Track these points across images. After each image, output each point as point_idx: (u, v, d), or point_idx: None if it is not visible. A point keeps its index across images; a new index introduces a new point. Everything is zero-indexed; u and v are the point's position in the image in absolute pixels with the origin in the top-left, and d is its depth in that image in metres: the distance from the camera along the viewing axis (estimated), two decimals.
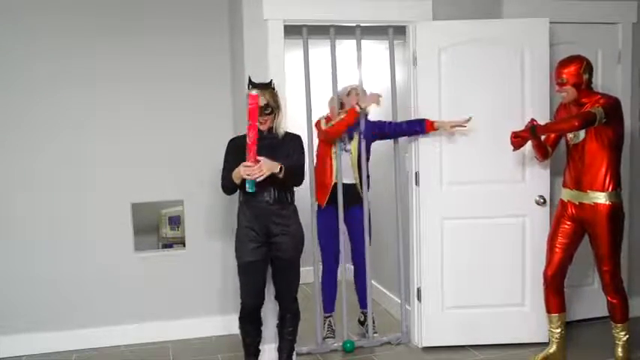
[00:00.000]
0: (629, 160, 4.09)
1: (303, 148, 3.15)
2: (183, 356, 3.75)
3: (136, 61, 3.83)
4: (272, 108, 3.04)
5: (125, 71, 3.82)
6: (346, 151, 3.82)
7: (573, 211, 3.35)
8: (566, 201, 3.40)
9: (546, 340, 3.63)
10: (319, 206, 3.79)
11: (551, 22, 3.61)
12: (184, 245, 4.03)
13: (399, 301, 3.97)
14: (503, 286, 3.71)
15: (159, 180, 3.94)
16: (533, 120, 3.39)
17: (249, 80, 3.09)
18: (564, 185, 3.43)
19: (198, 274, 4.04)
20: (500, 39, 3.58)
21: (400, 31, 3.73)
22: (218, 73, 3.95)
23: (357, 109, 3.57)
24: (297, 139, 3.14)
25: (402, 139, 3.85)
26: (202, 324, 4.03)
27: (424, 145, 3.67)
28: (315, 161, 3.82)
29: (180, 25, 3.89)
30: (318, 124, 3.76)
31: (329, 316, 3.99)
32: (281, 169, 2.91)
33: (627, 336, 3.37)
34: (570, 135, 3.34)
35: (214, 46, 3.93)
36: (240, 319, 3.17)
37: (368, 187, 3.83)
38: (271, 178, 2.92)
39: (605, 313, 3.69)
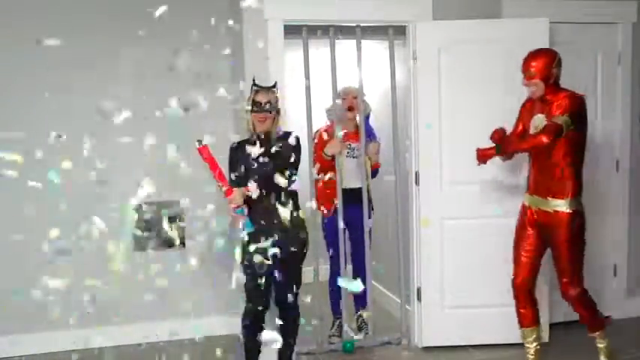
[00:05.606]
0: (630, 161, 4.10)
1: (297, 147, 3.08)
2: (183, 356, 3.74)
3: (135, 61, 3.82)
4: (272, 109, 3.03)
5: (125, 72, 3.81)
6: (354, 157, 3.84)
7: (534, 216, 3.18)
8: (527, 206, 3.23)
9: (546, 340, 3.63)
10: (326, 212, 3.85)
11: (551, 22, 3.61)
12: (184, 245, 4.03)
13: (399, 301, 3.97)
14: (504, 286, 3.68)
15: (159, 180, 3.93)
16: (497, 131, 3.15)
17: (253, 82, 3.08)
18: (527, 190, 3.26)
19: (198, 274, 4.04)
20: (500, 39, 3.58)
21: (400, 31, 3.73)
22: (218, 73, 3.94)
23: (324, 156, 3.63)
24: (291, 137, 3.08)
25: (401, 139, 3.86)
26: (203, 324, 4.02)
27: (424, 144, 3.67)
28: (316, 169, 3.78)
29: (179, 26, 3.88)
30: (319, 138, 3.79)
31: (339, 317, 3.98)
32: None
33: (606, 341, 3.23)
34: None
35: (214, 46, 3.92)
36: (244, 321, 3.17)
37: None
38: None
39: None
